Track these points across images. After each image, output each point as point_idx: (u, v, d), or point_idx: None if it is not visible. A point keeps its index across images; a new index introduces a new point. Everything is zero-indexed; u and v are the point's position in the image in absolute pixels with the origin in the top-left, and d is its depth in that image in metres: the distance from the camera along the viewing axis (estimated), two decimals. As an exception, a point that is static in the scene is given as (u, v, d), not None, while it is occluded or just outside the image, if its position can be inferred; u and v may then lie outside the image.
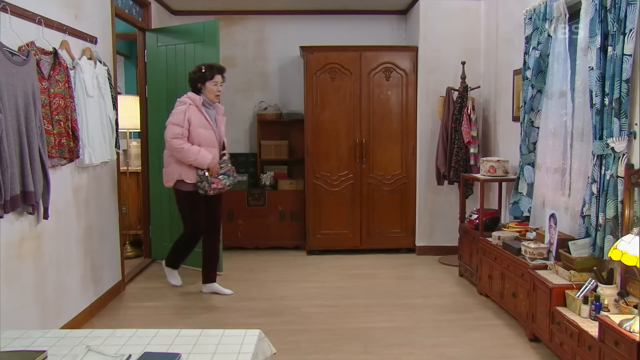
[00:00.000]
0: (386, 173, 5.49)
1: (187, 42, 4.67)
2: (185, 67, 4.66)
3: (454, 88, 5.11)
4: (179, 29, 4.85)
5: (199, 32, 4.62)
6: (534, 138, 3.93)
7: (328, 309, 3.94)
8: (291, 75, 5.98)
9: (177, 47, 4.75)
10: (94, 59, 3.65)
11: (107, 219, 4.05)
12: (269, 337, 3.40)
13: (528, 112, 3.91)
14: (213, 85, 4.02)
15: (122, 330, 2.54)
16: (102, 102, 3.71)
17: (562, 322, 2.88)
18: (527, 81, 3.89)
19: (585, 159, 3.26)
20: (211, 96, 4.05)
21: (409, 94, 5.42)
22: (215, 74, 4.02)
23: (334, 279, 4.75)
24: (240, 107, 6.09)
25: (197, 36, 4.62)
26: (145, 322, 3.69)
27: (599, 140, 2.96)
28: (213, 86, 4.02)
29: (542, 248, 3.41)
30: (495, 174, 4.32)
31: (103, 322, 3.67)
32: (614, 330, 2.36)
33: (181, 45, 4.71)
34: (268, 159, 5.89)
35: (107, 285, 4.03)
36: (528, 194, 3.99)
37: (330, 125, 5.45)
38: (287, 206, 5.75)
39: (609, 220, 2.85)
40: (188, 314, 3.88)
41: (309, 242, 5.57)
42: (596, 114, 2.97)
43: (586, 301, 2.83)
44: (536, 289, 3.21)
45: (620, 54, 2.77)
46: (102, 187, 3.95)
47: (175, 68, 4.79)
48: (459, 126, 4.94)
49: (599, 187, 2.95)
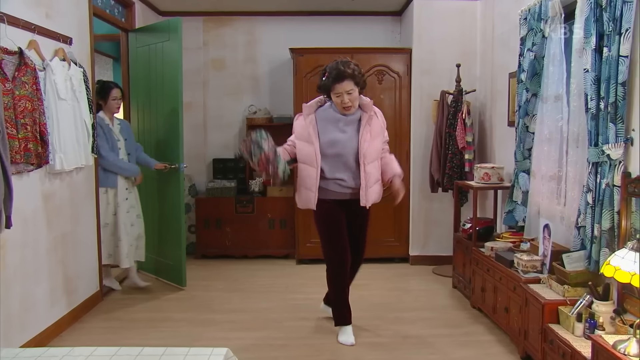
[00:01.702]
0: (379, 179, 5.34)
1: (158, 41, 4.54)
2: (156, 68, 4.56)
3: (448, 92, 4.98)
4: (148, 28, 4.71)
5: (165, 30, 4.49)
6: (529, 144, 3.79)
7: (312, 323, 3.80)
8: (282, 78, 5.86)
9: (150, 47, 4.62)
10: (67, 60, 3.54)
11: (83, 227, 3.92)
12: (247, 353, 3.31)
13: (523, 116, 3.77)
14: (336, 97, 3.25)
15: (81, 348, 2.42)
16: (76, 105, 3.59)
17: (554, 340, 2.74)
18: (521, 84, 3.76)
19: (580, 166, 3.12)
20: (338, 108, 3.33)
21: (403, 98, 5.29)
22: (334, 83, 3.22)
23: (322, 290, 4.54)
24: (230, 111, 5.98)
25: (164, 35, 4.49)
26: (119, 336, 3.56)
27: (594, 146, 2.82)
28: (336, 98, 3.26)
29: (536, 260, 3.27)
30: (490, 181, 4.18)
31: (74, 336, 3.54)
32: (608, 353, 2.22)
33: (153, 45, 4.58)
34: (257, 164, 5.76)
35: (82, 296, 3.90)
36: (523, 202, 3.85)
37: (321, 129, 5.31)
38: (277, 213, 5.62)
39: (605, 232, 2.71)
40: (166, 327, 3.75)
41: (298, 250, 5.43)
42: (591, 118, 2.83)
43: (580, 318, 2.69)
44: (528, 304, 3.06)
45: (616, 55, 2.63)
46: (77, 193, 3.82)
47: (149, 69, 4.67)
48: (454, 131, 4.81)
49: (595, 196, 2.81)
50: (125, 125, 4.48)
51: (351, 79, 3.21)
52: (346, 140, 3.31)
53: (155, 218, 4.72)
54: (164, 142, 4.61)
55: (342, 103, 3.25)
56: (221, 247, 5.62)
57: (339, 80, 3.20)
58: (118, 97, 4.31)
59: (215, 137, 6.02)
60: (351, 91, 3.22)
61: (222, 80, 5.96)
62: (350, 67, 3.23)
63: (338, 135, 3.32)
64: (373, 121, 3.36)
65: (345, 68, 3.21)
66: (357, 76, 3.24)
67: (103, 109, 4.27)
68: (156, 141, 4.70)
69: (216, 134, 6.02)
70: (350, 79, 3.20)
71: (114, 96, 4.26)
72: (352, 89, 3.22)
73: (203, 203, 5.62)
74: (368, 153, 3.31)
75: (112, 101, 4.26)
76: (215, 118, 6.01)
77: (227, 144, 6.00)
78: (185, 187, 5.86)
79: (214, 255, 5.62)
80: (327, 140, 3.30)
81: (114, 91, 4.27)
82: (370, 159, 3.33)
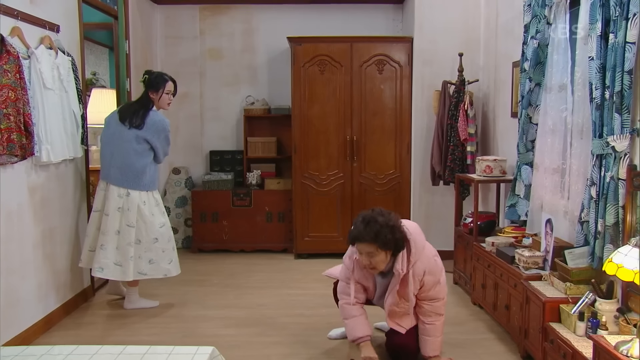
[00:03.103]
0: (379, 172, 5.27)
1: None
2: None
3: (450, 82, 4.87)
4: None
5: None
6: (532, 135, 3.69)
7: (307, 319, 3.73)
8: (280, 68, 5.76)
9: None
10: (55, 49, 3.47)
11: (72, 220, 3.87)
12: (239, 350, 3.25)
13: (526, 107, 3.67)
14: (359, 254, 2.78)
15: (61, 347, 2.36)
16: (64, 95, 3.52)
17: (555, 340, 2.66)
18: (525, 74, 3.65)
19: (584, 158, 3.02)
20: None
21: (404, 88, 5.19)
22: (354, 241, 2.77)
23: (319, 285, 4.53)
24: (227, 102, 5.89)
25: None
26: (109, 332, 3.51)
27: (599, 138, 2.72)
28: (359, 255, 2.79)
29: (537, 256, 3.18)
30: (492, 174, 4.09)
31: (61, 333, 3.49)
32: (609, 354, 2.13)
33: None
34: (255, 156, 5.69)
35: (71, 292, 3.84)
36: (525, 196, 3.75)
37: (319, 121, 5.24)
38: (274, 207, 5.55)
39: (609, 228, 2.62)
40: (157, 323, 3.69)
41: (296, 245, 5.37)
42: (596, 109, 2.73)
43: (582, 317, 2.60)
44: (529, 301, 2.98)
45: (622, 42, 2.52)
46: (66, 186, 3.76)
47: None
48: (455, 122, 4.71)
49: (599, 190, 2.72)
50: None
51: (373, 242, 2.67)
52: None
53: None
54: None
55: (361, 263, 2.80)
56: (218, 241, 5.55)
57: (357, 240, 2.72)
58: (172, 92, 3.87)
59: (212, 128, 5.94)
60: (372, 254, 2.70)
61: (219, 70, 5.88)
62: (376, 228, 2.66)
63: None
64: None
65: (368, 228, 2.67)
66: (382, 238, 2.66)
67: (154, 104, 3.80)
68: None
69: (213, 126, 5.94)
70: (371, 242, 2.67)
71: (167, 89, 3.81)
72: (373, 252, 2.70)
73: (199, 196, 5.56)
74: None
75: (165, 95, 3.80)
76: (212, 109, 5.93)
77: (224, 136, 5.93)
78: (182, 179, 5.81)
79: (210, 250, 5.57)
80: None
81: (169, 84, 3.82)
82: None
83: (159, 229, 3.79)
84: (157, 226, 3.78)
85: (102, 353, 2.30)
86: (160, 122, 3.76)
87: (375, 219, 2.69)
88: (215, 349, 2.39)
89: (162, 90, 3.79)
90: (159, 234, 3.78)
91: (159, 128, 3.75)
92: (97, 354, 2.29)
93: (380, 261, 2.73)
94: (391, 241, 2.69)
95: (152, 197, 3.81)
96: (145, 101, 3.79)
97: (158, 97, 3.79)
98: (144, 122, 3.70)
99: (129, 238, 3.68)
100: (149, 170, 3.76)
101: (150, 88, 3.79)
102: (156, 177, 3.87)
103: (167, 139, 3.84)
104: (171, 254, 3.89)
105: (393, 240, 2.70)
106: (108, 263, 3.67)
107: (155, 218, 3.78)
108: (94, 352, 2.30)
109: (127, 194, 3.69)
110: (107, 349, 2.35)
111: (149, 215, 3.75)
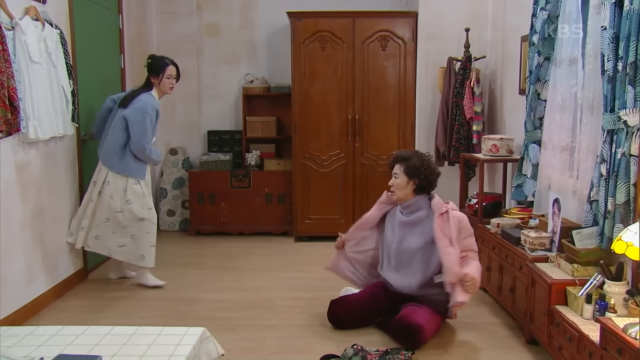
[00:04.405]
0: (381, 152, 5.18)
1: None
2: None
3: (456, 58, 4.77)
4: None
5: None
6: (540, 112, 3.59)
7: (305, 302, 3.68)
8: (281, 44, 5.64)
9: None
10: (41, 20, 3.38)
11: (64, 200, 3.82)
12: (233, 333, 3.20)
13: (534, 83, 3.57)
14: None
15: (46, 327, 2.32)
16: (52, 69, 3.44)
17: (561, 323, 2.59)
18: (533, 47, 3.54)
19: (595, 134, 2.93)
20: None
21: (408, 65, 5.09)
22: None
23: (318, 268, 4.43)
24: (225, 80, 5.79)
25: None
26: (102, 315, 3.47)
27: (610, 112, 2.62)
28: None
29: (544, 237, 3.11)
30: (498, 153, 4.00)
31: (54, 315, 3.45)
32: (617, 337, 2.07)
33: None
34: (254, 136, 5.61)
35: (63, 273, 3.80)
36: (533, 175, 3.67)
37: (320, 99, 5.15)
38: (274, 188, 5.48)
39: (619, 206, 2.54)
40: (151, 305, 3.66)
41: (296, 227, 5.31)
42: (608, 81, 2.63)
43: (590, 300, 2.53)
44: (535, 284, 2.91)
45: (638, 9, 2.42)
46: (56, 164, 3.70)
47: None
48: (461, 100, 4.61)
49: (609, 167, 2.63)
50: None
51: (401, 163, 3.19)
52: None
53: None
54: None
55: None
56: (216, 223, 5.50)
57: (393, 161, 3.27)
58: (173, 76, 3.86)
59: (210, 107, 5.86)
60: (396, 175, 3.20)
61: (217, 47, 5.77)
62: (409, 154, 3.24)
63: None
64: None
65: (405, 153, 3.27)
66: (411, 166, 3.16)
67: (154, 87, 3.82)
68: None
69: (211, 105, 5.86)
70: (401, 163, 3.19)
71: (168, 74, 3.81)
72: (398, 174, 3.19)
73: (197, 177, 5.50)
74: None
75: (166, 79, 3.80)
76: (210, 88, 5.83)
77: (222, 115, 5.84)
78: (179, 160, 5.74)
79: (208, 232, 5.52)
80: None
81: (169, 68, 3.82)
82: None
83: (114, 212, 3.78)
84: (113, 209, 3.78)
85: (88, 334, 2.26)
86: (143, 101, 3.73)
87: (416, 152, 3.31)
88: (206, 329, 2.35)
89: (163, 74, 3.81)
90: (113, 217, 3.79)
91: (139, 107, 3.72)
92: (83, 334, 2.25)
93: (399, 185, 3.18)
94: (417, 170, 3.14)
95: (121, 180, 3.77)
96: (145, 85, 3.85)
97: (159, 81, 3.81)
98: (131, 102, 3.73)
99: (87, 210, 3.82)
100: (120, 152, 3.75)
101: (151, 72, 3.82)
102: (131, 164, 3.78)
103: (143, 121, 3.70)
104: (133, 244, 3.84)
105: (418, 170, 3.14)
106: (74, 227, 3.89)
107: (113, 201, 3.77)
108: (79, 333, 2.26)
109: (99, 169, 3.81)
110: (94, 329, 2.32)
111: (107, 196, 3.77)
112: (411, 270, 3.19)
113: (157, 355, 2.06)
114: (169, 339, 2.19)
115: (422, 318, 2.98)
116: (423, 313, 3.02)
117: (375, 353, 2.79)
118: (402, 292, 3.21)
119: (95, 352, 2.07)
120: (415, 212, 3.21)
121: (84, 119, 4.06)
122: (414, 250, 3.17)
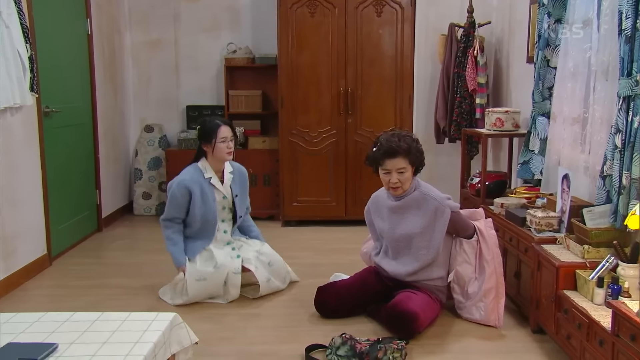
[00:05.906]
0: (376, 129, 5.07)
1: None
2: None
3: (458, 24, 4.69)
4: None
5: None
6: (550, 81, 3.52)
7: (291, 290, 3.64)
8: (266, 10, 5.51)
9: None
10: (-7, -23, 3.26)
11: (23, 178, 3.72)
12: (211, 323, 3.14)
13: (543, 48, 3.50)
14: (384, 174, 3.16)
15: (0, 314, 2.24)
16: (4, 31, 3.32)
17: (569, 309, 2.54)
18: (543, 8, 3.46)
19: (609, 103, 2.86)
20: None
21: (405, 33, 5.00)
22: (384, 158, 3.12)
23: (307, 254, 4.45)
24: (205, 50, 5.70)
25: None
26: (67, 305, 3.38)
27: (627, 77, 2.55)
28: (384, 175, 3.17)
29: (552, 217, 3.05)
30: (503, 127, 3.93)
31: (10, 306, 3.36)
32: (631, 321, 2.02)
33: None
34: (237, 112, 5.52)
35: (23, 260, 3.72)
36: (540, 151, 3.61)
37: (310, 70, 5.06)
38: (259, 168, 5.41)
39: (635, 181, 2.48)
40: (121, 295, 3.59)
41: (284, 211, 5.25)
42: (625, 42, 2.56)
43: (601, 284, 2.48)
44: (541, 267, 2.86)
45: (658, -40, 2.34)
46: (13, 138, 3.60)
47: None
48: (463, 71, 4.54)
49: (624, 138, 2.56)
50: (238, 175, 3.67)
51: (405, 156, 3.04)
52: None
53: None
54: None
55: (389, 182, 3.09)
56: (195, 207, 5.43)
57: (390, 155, 3.03)
58: (229, 138, 3.48)
59: (189, 80, 5.76)
60: (403, 170, 3.05)
61: (195, 13, 5.66)
62: (407, 142, 3.06)
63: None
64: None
65: (401, 142, 3.04)
66: (413, 154, 3.07)
67: (206, 157, 3.53)
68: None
69: (190, 77, 5.76)
70: (404, 156, 3.04)
71: (222, 137, 3.44)
72: (405, 168, 3.05)
73: (175, 156, 5.41)
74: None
75: (220, 144, 3.44)
76: (188, 58, 5.73)
77: (202, 88, 5.75)
78: (155, 138, 5.65)
79: (187, 216, 5.43)
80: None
81: (222, 129, 3.45)
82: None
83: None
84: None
85: (45, 320, 2.18)
86: (173, 180, 3.58)
87: (404, 134, 3.11)
88: (178, 315, 2.28)
89: (215, 139, 3.46)
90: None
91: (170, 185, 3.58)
92: (38, 321, 2.18)
93: (407, 179, 3.09)
94: (418, 154, 3.10)
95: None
96: (196, 155, 3.60)
97: (212, 148, 3.49)
98: None
99: None
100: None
101: (202, 140, 3.53)
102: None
103: (168, 199, 3.56)
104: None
105: (419, 154, 3.11)
106: None
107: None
108: (34, 320, 2.18)
109: None
110: (52, 315, 2.24)
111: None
112: (410, 257, 3.13)
113: (122, 342, 1.98)
114: (136, 325, 2.12)
115: (417, 305, 2.92)
116: (418, 300, 2.97)
117: (366, 342, 2.73)
118: (396, 279, 3.15)
119: (52, 340, 1.99)
120: (407, 195, 3.14)
121: (45, 90, 3.95)
122: (410, 235, 3.10)
